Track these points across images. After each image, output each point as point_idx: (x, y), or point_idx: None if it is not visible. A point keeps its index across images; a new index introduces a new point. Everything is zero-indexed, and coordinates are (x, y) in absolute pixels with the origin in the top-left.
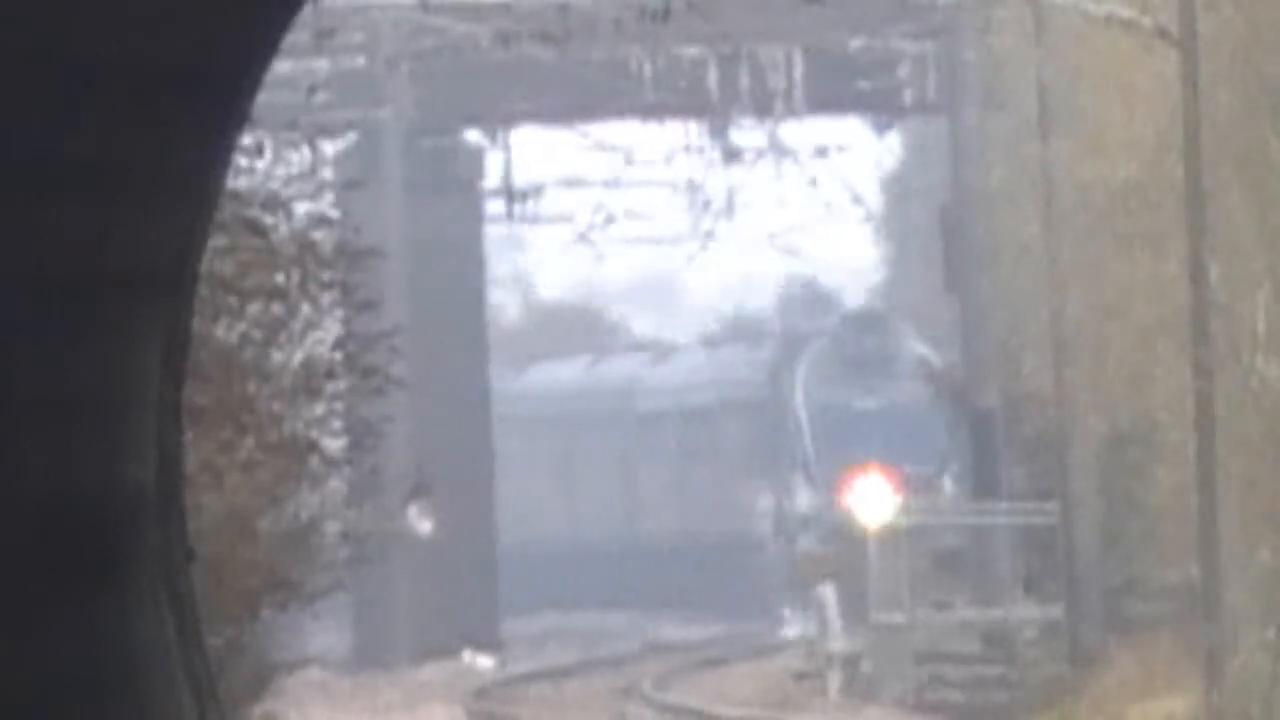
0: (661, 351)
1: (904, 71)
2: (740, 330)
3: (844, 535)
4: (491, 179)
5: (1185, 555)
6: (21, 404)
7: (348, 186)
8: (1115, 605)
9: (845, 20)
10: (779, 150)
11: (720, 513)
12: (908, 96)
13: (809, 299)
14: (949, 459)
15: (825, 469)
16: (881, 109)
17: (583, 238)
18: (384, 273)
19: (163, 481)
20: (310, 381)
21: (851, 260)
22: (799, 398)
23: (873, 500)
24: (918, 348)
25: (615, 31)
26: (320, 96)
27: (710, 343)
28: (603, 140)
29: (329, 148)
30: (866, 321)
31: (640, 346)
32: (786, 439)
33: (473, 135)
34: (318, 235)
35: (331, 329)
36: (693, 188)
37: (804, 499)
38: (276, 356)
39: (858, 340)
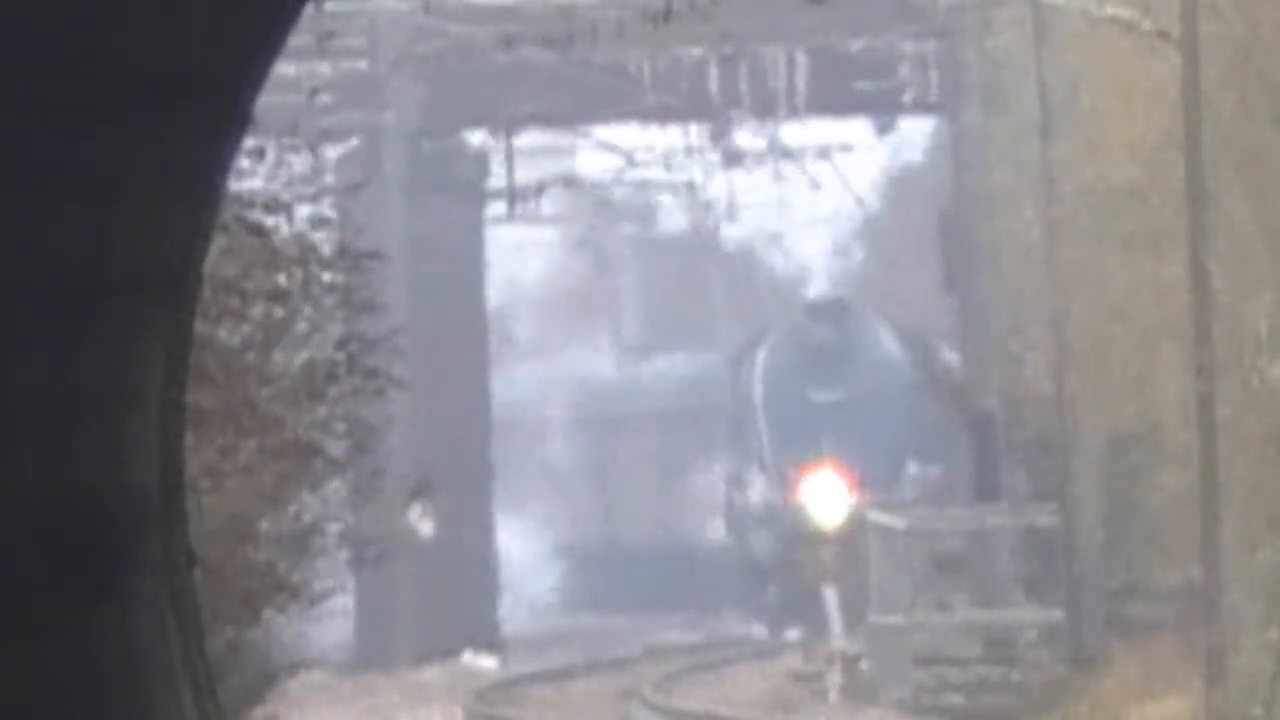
0: (644, 353)
1: (905, 72)
2: (736, 333)
3: (800, 533)
4: (493, 181)
5: (1187, 557)
6: (24, 406)
7: (349, 189)
8: (1116, 607)
9: (846, 21)
10: (780, 152)
11: (688, 514)
12: (909, 97)
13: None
14: (910, 453)
15: (782, 464)
16: (883, 110)
17: (584, 239)
18: (385, 275)
19: (165, 484)
20: (312, 384)
21: (851, 261)
22: (755, 390)
23: (828, 497)
24: (882, 336)
25: (617, 34)
26: (322, 99)
27: (700, 345)
28: (604, 142)
29: (331, 150)
30: (827, 310)
31: (634, 350)
32: (743, 434)
33: (474, 137)
34: (319, 237)
35: (333, 331)
36: (694, 189)
37: (758, 495)
38: (278, 359)
39: (817, 330)
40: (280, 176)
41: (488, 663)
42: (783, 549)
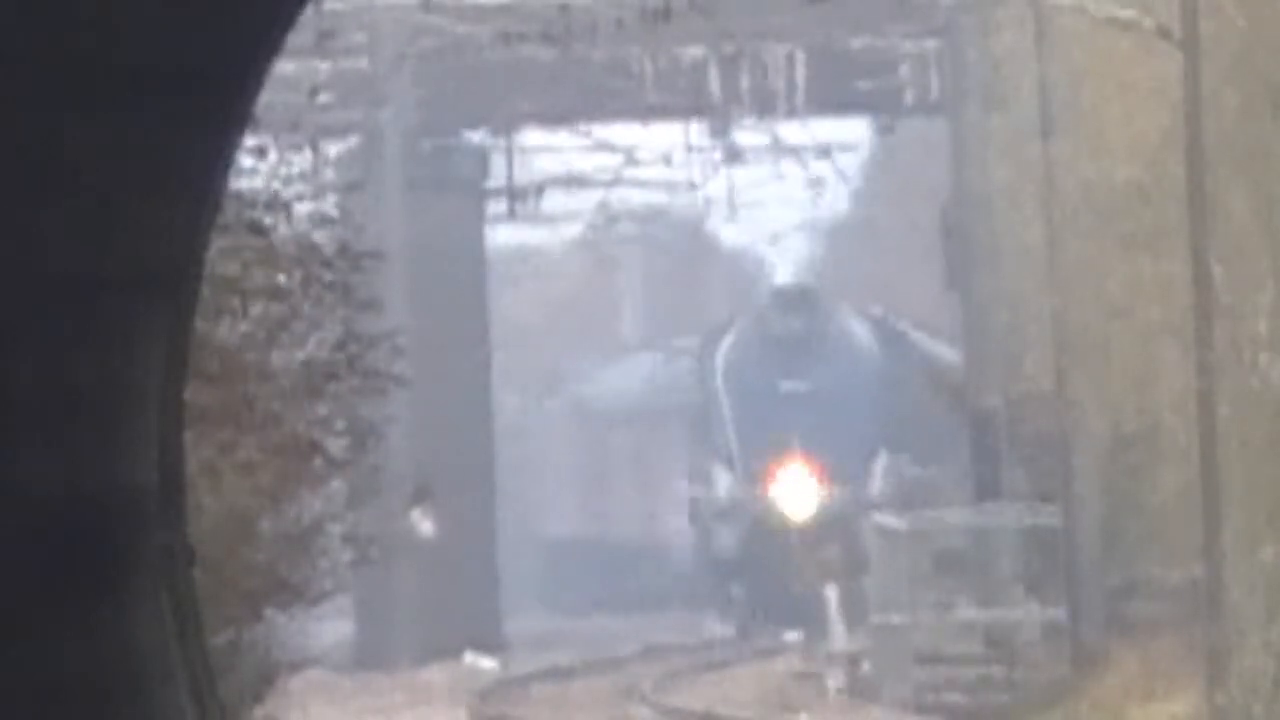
0: (645, 351)
1: (906, 71)
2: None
3: (766, 528)
4: (493, 179)
5: (1188, 556)
6: (23, 404)
7: (349, 187)
8: (1117, 606)
9: (847, 20)
10: (780, 150)
11: (676, 511)
12: (909, 96)
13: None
14: (880, 444)
15: (748, 457)
16: (883, 109)
17: (583, 238)
18: (386, 273)
19: (164, 482)
20: (312, 382)
21: (852, 260)
22: (720, 381)
23: (795, 491)
24: (852, 325)
25: (617, 31)
26: (322, 97)
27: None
28: (604, 140)
29: (331, 148)
30: (794, 297)
31: (634, 348)
32: (709, 426)
33: (474, 136)
34: (319, 236)
35: (333, 330)
36: (694, 188)
37: (724, 489)
38: (278, 357)
39: (784, 318)
40: (280, 175)
41: (489, 662)
42: (748, 545)
